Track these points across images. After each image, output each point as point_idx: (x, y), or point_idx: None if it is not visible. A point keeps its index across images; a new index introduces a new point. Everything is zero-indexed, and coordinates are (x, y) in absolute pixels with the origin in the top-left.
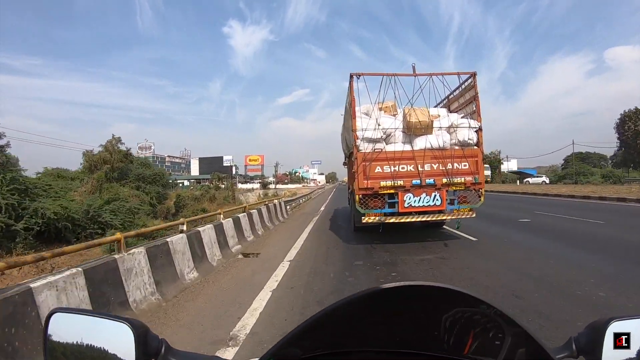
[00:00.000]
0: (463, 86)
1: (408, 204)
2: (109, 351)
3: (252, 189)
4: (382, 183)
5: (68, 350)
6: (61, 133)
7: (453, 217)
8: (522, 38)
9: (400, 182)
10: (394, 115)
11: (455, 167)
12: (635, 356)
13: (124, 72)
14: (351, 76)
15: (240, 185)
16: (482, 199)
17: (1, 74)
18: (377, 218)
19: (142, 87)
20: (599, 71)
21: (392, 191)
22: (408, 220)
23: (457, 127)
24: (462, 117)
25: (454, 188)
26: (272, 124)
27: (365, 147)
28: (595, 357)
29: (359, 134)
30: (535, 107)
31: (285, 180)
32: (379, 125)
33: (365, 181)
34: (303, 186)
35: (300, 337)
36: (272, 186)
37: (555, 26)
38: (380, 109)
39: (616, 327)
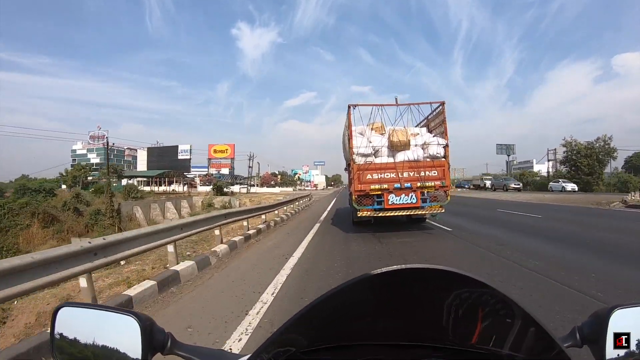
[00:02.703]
0: (436, 111)
1: (391, 202)
2: (116, 344)
3: (192, 195)
4: (372, 186)
5: (75, 344)
6: (70, 132)
7: (427, 212)
8: (530, 44)
9: (385, 186)
10: (382, 134)
11: (427, 174)
12: (635, 349)
13: (133, 73)
14: (349, 107)
15: (200, 188)
16: (448, 198)
17: (10, 71)
18: (368, 213)
19: (150, 88)
20: (607, 77)
21: (379, 192)
22: (393, 214)
23: (428, 144)
24: (434, 136)
25: (426, 190)
26: (279, 127)
27: (359, 160)
28: (598, 346)
29: (355, 150)
30: (543, 113)
31: (272, 182)
32: (370, 142)
33: (360, 185)
34: (294, 190)
35: (295, 329)
36: (240, 189)
37: (563, 33)
38: (372, 129)
39: (619, 314)
